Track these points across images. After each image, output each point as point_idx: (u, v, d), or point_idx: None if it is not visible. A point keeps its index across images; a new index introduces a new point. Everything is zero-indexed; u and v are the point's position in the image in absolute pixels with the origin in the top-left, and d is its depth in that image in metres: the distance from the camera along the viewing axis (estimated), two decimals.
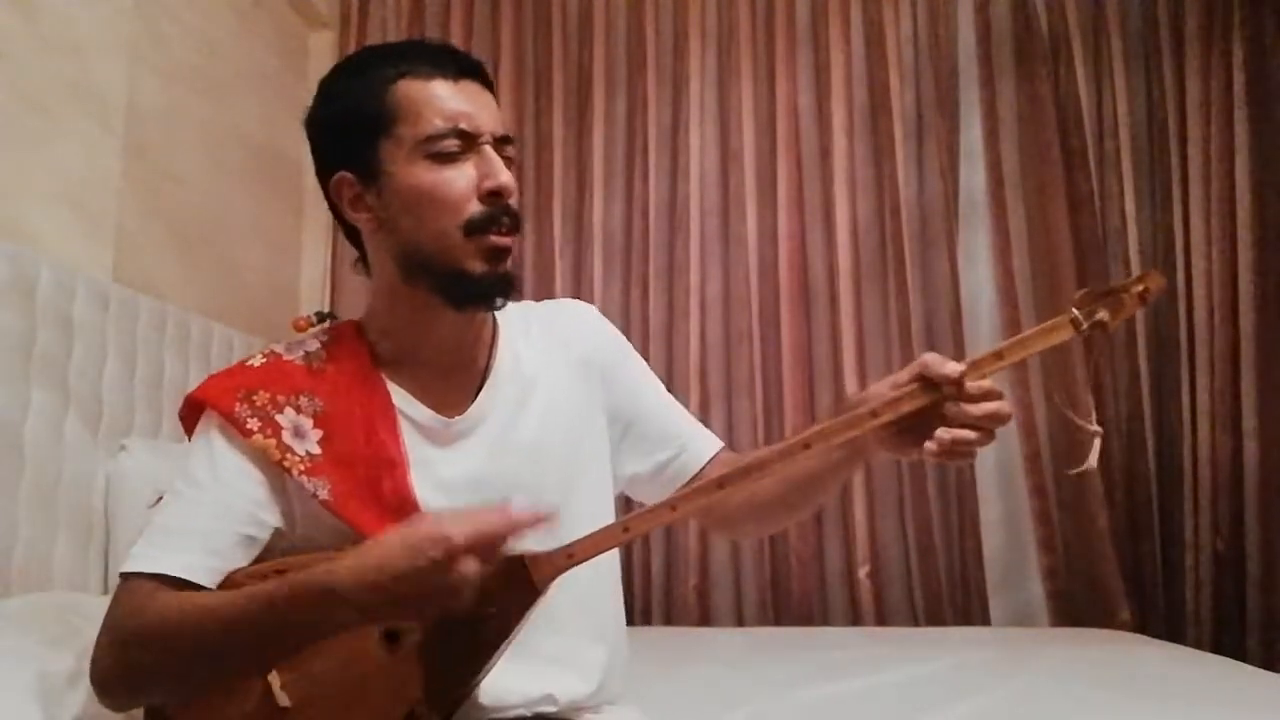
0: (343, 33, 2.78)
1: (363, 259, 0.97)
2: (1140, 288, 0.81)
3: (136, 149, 1.90)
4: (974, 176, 2.63)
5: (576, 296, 2.16)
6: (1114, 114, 2.58)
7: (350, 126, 0.89)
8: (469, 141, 0.87)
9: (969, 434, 0.79)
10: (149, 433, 1.77)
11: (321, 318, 2.49)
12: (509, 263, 0.90)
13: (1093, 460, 0.86)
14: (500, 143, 0.90)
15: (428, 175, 0.86)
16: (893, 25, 2.64)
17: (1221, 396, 2.42)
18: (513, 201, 0.89)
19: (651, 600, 2.49)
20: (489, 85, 0.93)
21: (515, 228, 0.90)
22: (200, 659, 0.80)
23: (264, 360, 0.92)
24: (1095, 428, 0.85)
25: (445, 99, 0.87)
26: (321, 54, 2.82)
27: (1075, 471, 0.86)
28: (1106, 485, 2.45)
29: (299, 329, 2.42)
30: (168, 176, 2.02)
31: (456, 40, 2.71)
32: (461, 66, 0.90)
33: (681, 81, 2.68)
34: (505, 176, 0.88)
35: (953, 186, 2.60)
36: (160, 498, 1.58)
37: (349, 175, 0.90)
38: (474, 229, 0.87)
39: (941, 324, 2.56)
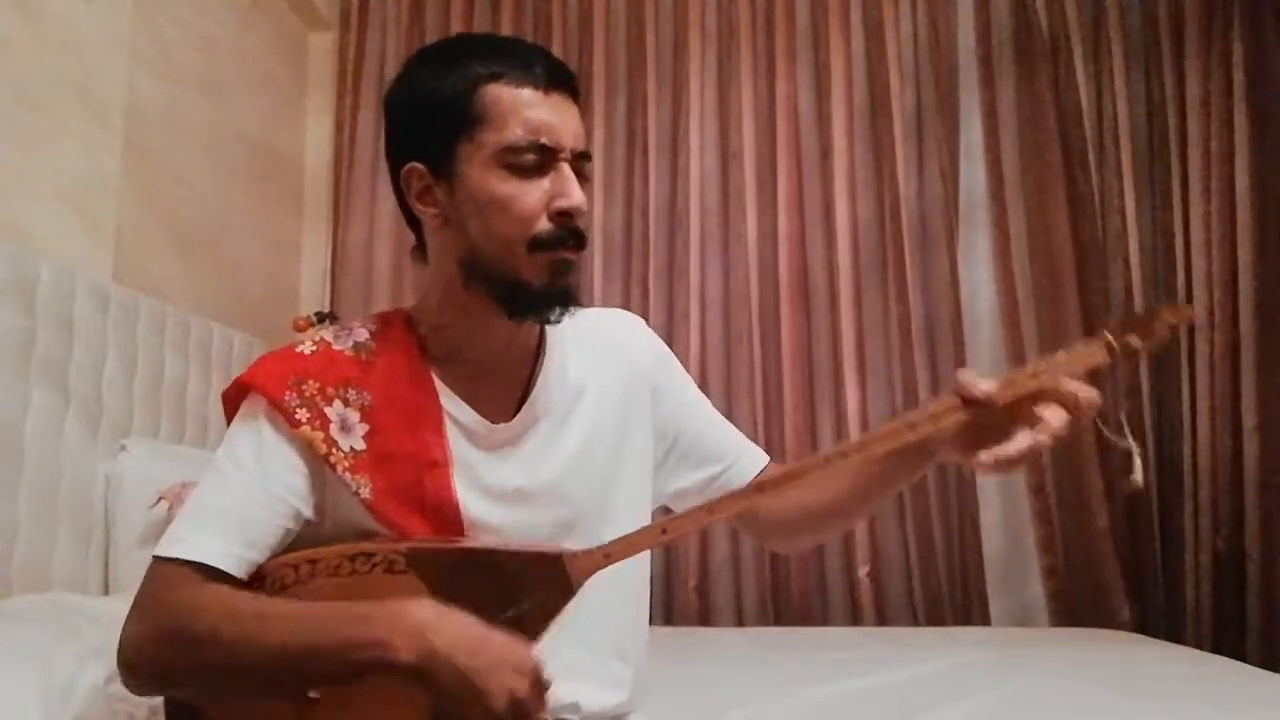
0: (343, 33, 2.79)
1: (420, 248, 0.96)
2: (1173, 320, 0.84)
3: (136, 149, 1.90)
4: (974, 176, 2.63)
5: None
6: (1114, 114, 2.58)
7: (431, 119, 0.87)
8: (548, 156, 0.86)
9: (1006, 448, 0.79)
10: (149, 433, 1.77)
11: (321, 318, 2.49)
12: (571, 277, 0.89)
13: (1138, 476, 0.88)
14: (579, 159, 0.88)
15: (502, 185, 0.85)
16: (893, 25, 2.64)
17: (1221, 396, 2.42)
18: (581, 222, 0.88)
19: (651, 600, 2.47)
20: (577, 98, 0.91)
21: (580, 246, 0.89)
22: (242, 675, 0.79)
23: (315, 348, 0.90)
24: (1131, 443, 0.86)
25: (532, 109, 0.85)
26: (321, 54, 2.82)
27: (1128, 492, 0.88)
28: (1106, 485, 2.45)
29: (299, 329, 2.42)
30: (168, 176, 2.02)
31: None
32: (554, 76, 0.88)
33: (681, 81, 2.68)
34: (578, 197, 0.86)
35: (953, 186, 2.60)
36: (160, 498, 1.60)
37: (421, 167, 0.89)
38: (539, 245, 0.86)
39: (941, 324, 2.56)
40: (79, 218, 1.75)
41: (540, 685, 0.75)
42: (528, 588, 0.79)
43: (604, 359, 1.01)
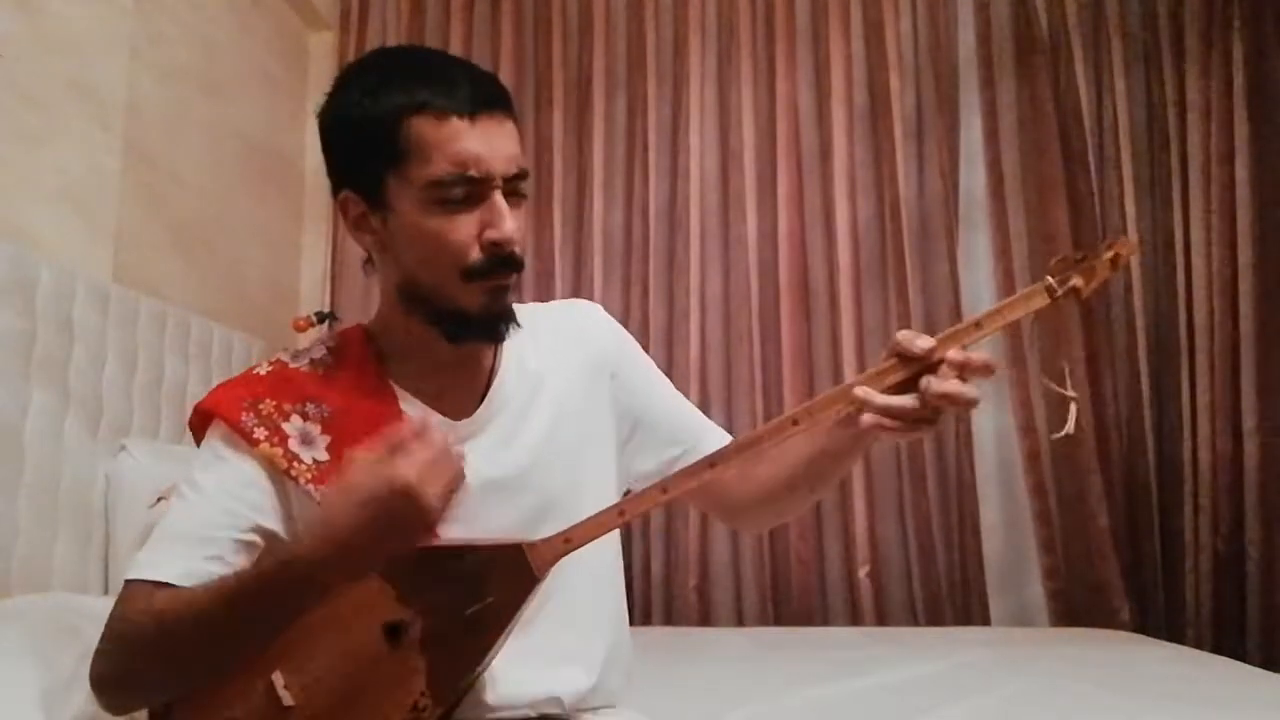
0: (343, 33, 2.78)
1: (370, 260, 0.97)
2: (1111, 253, 0.81)
3: (136, 149, 1.90)
4: (974, 176, 2.63)
5: (576, 297, 2.16)
6: (1114, 114, 2.58)
7: (358, 150, 0.88)
8: (478, 186, 0.85)
9: (945, 385, 0.78)
10: (149, 433, 1.77)
11: (321, 318, 2.49)
12: (507, 298, 0.90)
13: (1070, 425, 0.86)
14: (513, 181, 0.88)
15: (431, 220, 0.85)
16: (893, 25, 2.64)
17: (1221, 396, 2.42)
18: (517, 249, 0.88)
19: (651, 600, 2.49)
20: (511, 113, 0.89)
21: (516, 270, 0.89)
22: (190, 653, 0.81)
23: (270, 368, 0.93)
24: (1071, 393, 0.86)
25: (458, 140, 0.84)
26: (321, 54, 2.82)
27: (1055, 437, 0.86)
28: (1106, 485, 2.45)
29: (299, 329, 2.43)
30: (168, 176, 2.02)
31: (456, 41, 2.72)
32: (482, 100, 0.86)
33: (681, 81, 2.68)
34: (509, 227, 0.86)
35: (953, 186, 2.60)
36: (160, 498, 1.59)
37: (354, 196, 0.90)
38: (473, 275, 0.87)
39: (941, 324, 2.55)
40: (79, 218, 1.75)
41: (399, 473, 0.74)
42: (492, 580, 0.80)
43: (563, 347, 1.02)
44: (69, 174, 1.72)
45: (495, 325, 0.90)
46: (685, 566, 2.48)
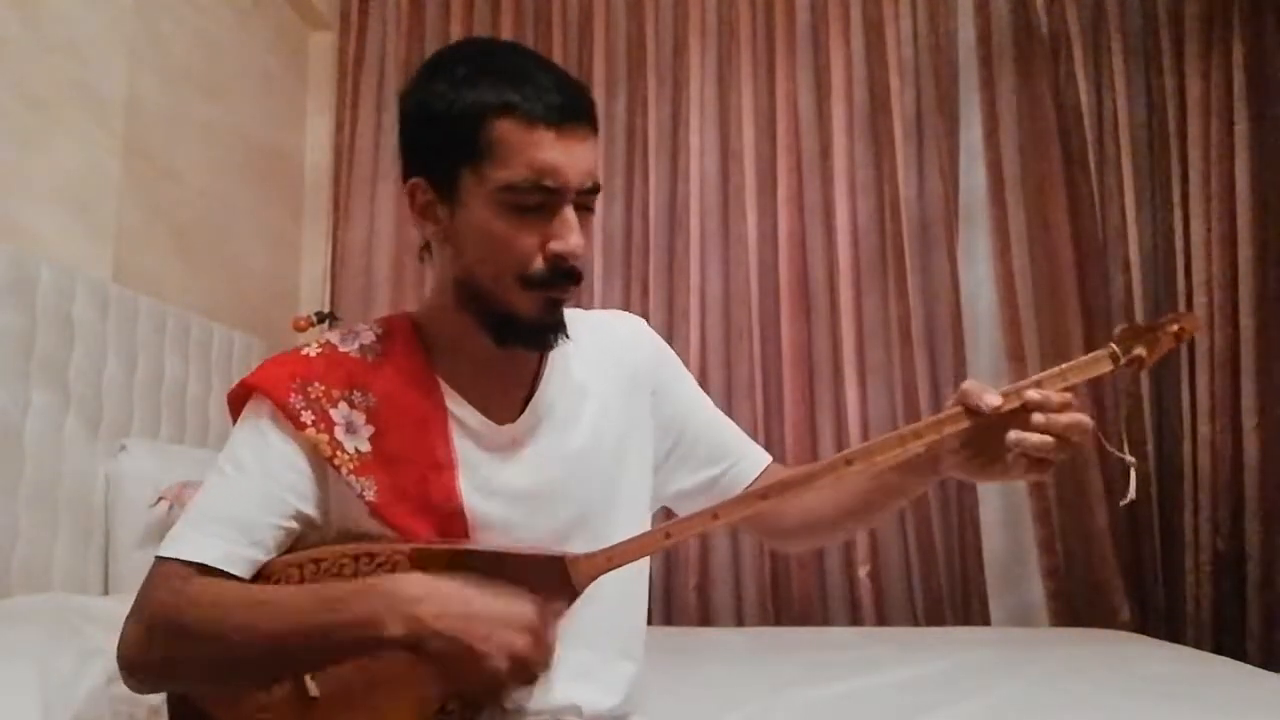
0: (343, 33, 2.78)
1: (428, 249, 0.95)
2: (1176, 328, 0.84)
3: (136, 149, 1.90)
4: (974, 176, 2.63)
5: (575, 298, 2.16)
6: (1114, 114, 2.58)
7: (439, 140, 0.86)
8: (551, 197, 0.84)
9: (1030, 435, 0.80)
10: (149, 433, 1.77)
11: (321, 318, 2.49)
12: (561, 311, 0.90)
13: (1132, 491, 0.89)
14: (585, 195, 0.86)
15: (500, 222, 0.84)
16: (893, 25, 2.64)
17: (1221, 396, 2.42)
18: (578, 263, 0.87)
19: (651, 600, 2.48)
20: (594, 128, 0.88)
21: (575, 284, 0.88)
22: (236, 664, 0.79)
23: (320, 350, 0.91)
24: (1129, 459, 0.87)
25: (540, 149, 0.83)
26: (321, 54, 2.82)
27: (1122, 504, 0.89)
28: (1106, 485, 2.45)
29: (299, 329, 2.43)
30: (168, 176, 2.02)
31: (455, 40, 2.71)
32: (569, 110, 0.84)
33: (681, 81, 2.68)
34: (575, 241, 0.85)
35: (953, 186, 2.60)
36: (160, 498, 1.59)
37: (425, 183, 0.89)
38: (531, 284, 0.86)
39: (941, 324, 2.56)
40: (79, 218, 1.75)
41: (542, 639, 0.75)
42: (531, 591, 0.79)
43: (606, 360, 1.01)
44: (69, 174, 1.72)
45: (545, 335, 0.89)
46: (685, 566, 2.48)
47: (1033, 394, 0.81)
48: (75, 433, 1.55)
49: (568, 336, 0.92)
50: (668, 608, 2.48)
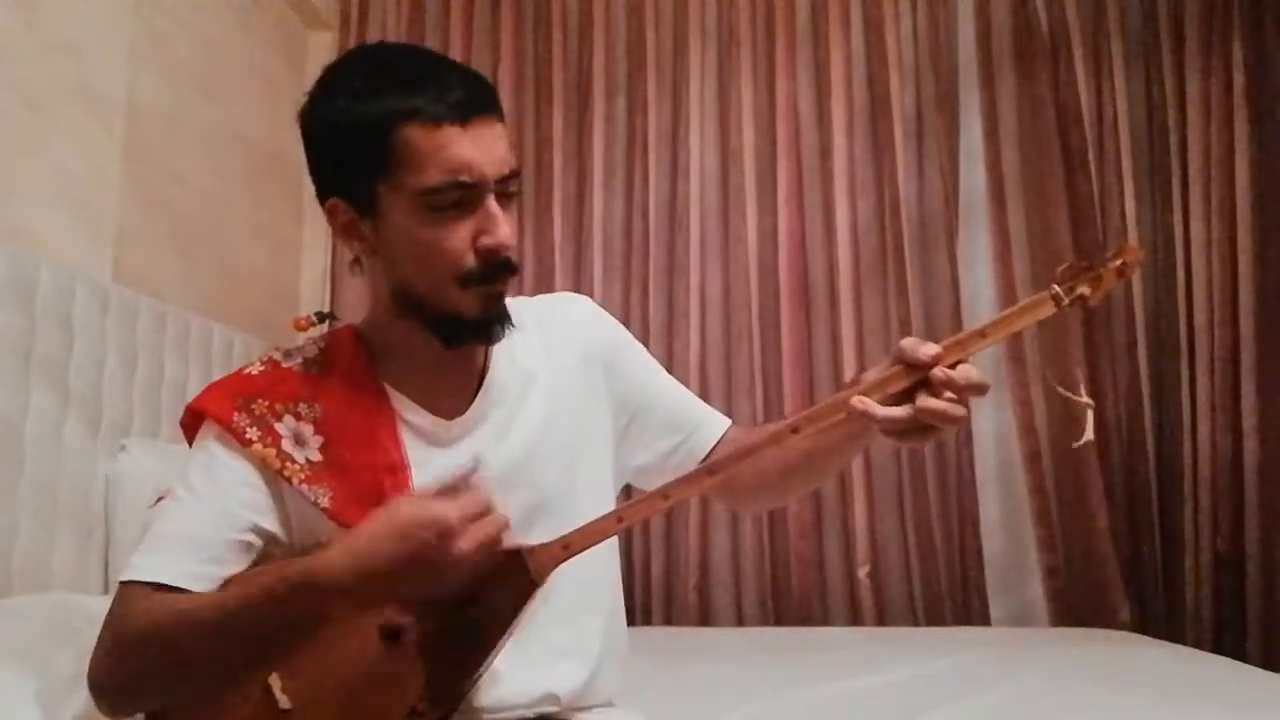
0: (343, 33, 2.78)
1: (358, 261, 0.96)
2: (1118, 261, 0.80)
3: (136, 149, 1.90)
4: (974, 176, 2.63)
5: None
6: (1114, 114, 2.58)
7: (350, 157, 0.86)
8: (471, 192, 0.84)
9: (935, 404, 0.76)
10: (149, 433, 1.77)
11: (322, 318, 2.49)
12: (503, 303, 0.90)
13: (1089, 432, 0.86)
14: (504, 182, 0.87)
15: (425, 229, 0.84)
16: (893, 25, 2.64)
17: (1221, 396, 2.42)
18: (512, 254, 0.87)
19: (651, 600, 2.49)
20: (500, 114, 0.88)
21: (511, 274, 0.89)
22: (195, 663, 0.80)
23: (263, 368, 0.92)
24: (1086, 400, 0.85)
25: (450, 147, 0.83)
26: (321, 54, 2.82)
27: (1076, 445, 0.87)
28: (1106, 485, 2.45)
29: (299, 329, 2.42)
30: (168, 176, 2.02)
31: (456, 41, 2.72)
32: (472, 103, 0.84)
33: (681, 81, 2.67)
34: (503, 232, 0.85)
35: (953, 186, 2.60)
36: (160, 498, 1.59)
37: (343, 204, 0.89)
38: (468, 282, 0.86)
39: (941, 324, 2.56)
40: (79, 218, 1.75)
41: (445, 521, 0.74)
42: (491, 585, 0.79)
43: (554, 342, 1.02)
44: (69, 174, 1.72)
45: (490, 328, 0.90)
46: (685, 566, 2.48)
47: (938, 373, 0.77)
48: (75, 433, 1.55)
49: (513, 325, 0.92)
50: (668, 608, 2.48)
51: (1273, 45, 2.47)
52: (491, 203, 0.86)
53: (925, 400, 0.76)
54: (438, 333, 0.89)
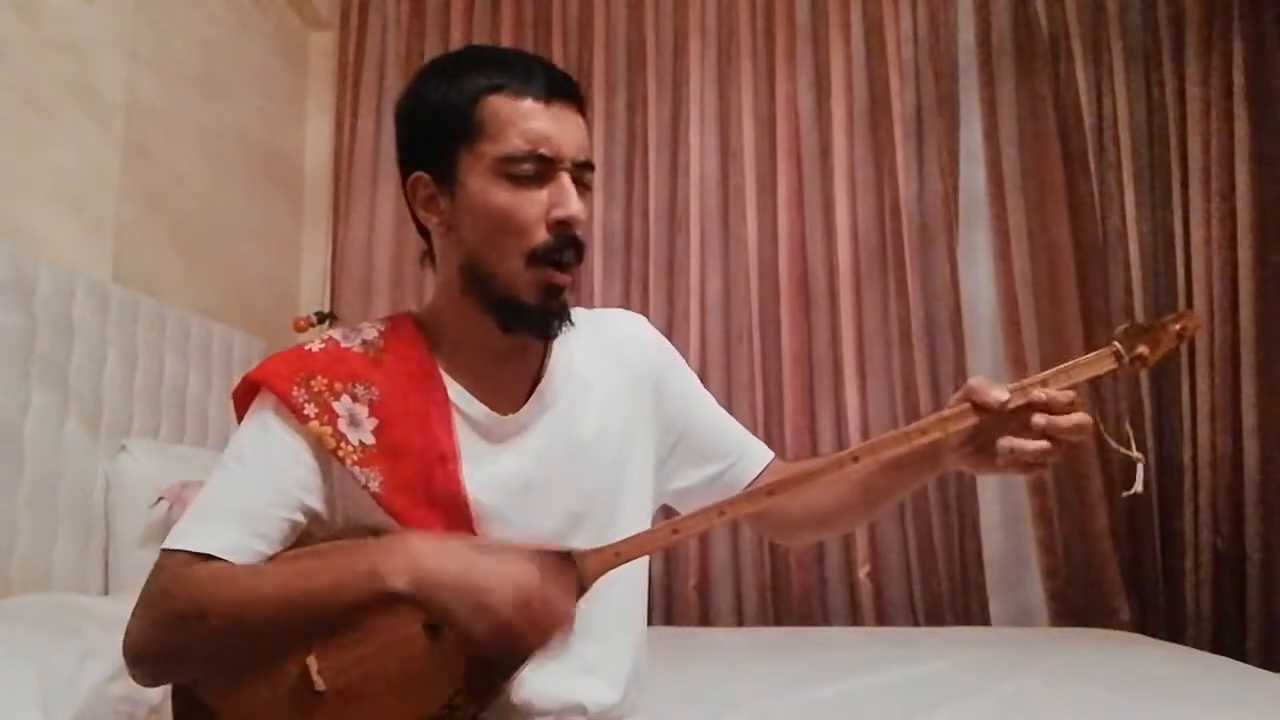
0: (343, 33, 2.79)
1: (430, 254, 0.97)
2: (1179, 326, 0.85)
3: (136, 149, 1.90)
4: (974, 176, 2.63)
5: (576, 296, 2.17)
6: (1114, 114, 2.58)
7: (434, 130, 0.89)
8: (547, 166, 0.86)
9: (1026, 444, 0.81)
10: (149, 433, 1.77)
11: (321, 318, 2.49)
12: (564, 298, 0.91)
13: (1139, 485, 0.90)
14: (580, 168, 0.89)
15: (501, 195, 0.86)
16: (893, 25, 2.64)
17: (1221, 396, 2.42)
18: (579, 231, 0.89)
19: (651, 600, 2.47)
20: (582, 107, 0.92)
21: (578, 258, 0.90)
22: (245, 639, 0.79)
23: (323, 346, 0.92)
24: (1137, 455, 0.88)
25: (531, 120, 0.86)
26: (321, 54, 2.82)
27: (1125, 494, 0.93)
28: (1106, 485, 2.45)
29: (299, 329, 2.43)
30: (168, 176, 2.02)
31: (456, 41, 2.72)
32: (555, 87, 0.88)
33: (681, 81, 2.68)
34: (575, 207, 0.87)
35: (953, 186, 2.60)
36: (160, 498, 1.59)
37: (425, 176, 0.91)
38: (536, 259, 0.87)
39: (941, 324, 2.56)
40: (79, 218, 1.75)
41: (550, 599, 0.75)
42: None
43: (609, 357, 1.02)
44: (69, 174, 1.72)
45: (548, 320, 0.90)
46: (685, 566, 2.48)
47: (1039, 393, 0.82)
48: (75, 433, 1.55)
49: (572, 323, 0.93)
50: (668, 608, 2.48)
51: (1273, 45, 2.47)
52: (566, 179, 0.87)
53: (1061, 421, 0.81)
54: (497, 315, 0.89)
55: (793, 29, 2.67)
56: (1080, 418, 0.82)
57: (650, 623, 0.94)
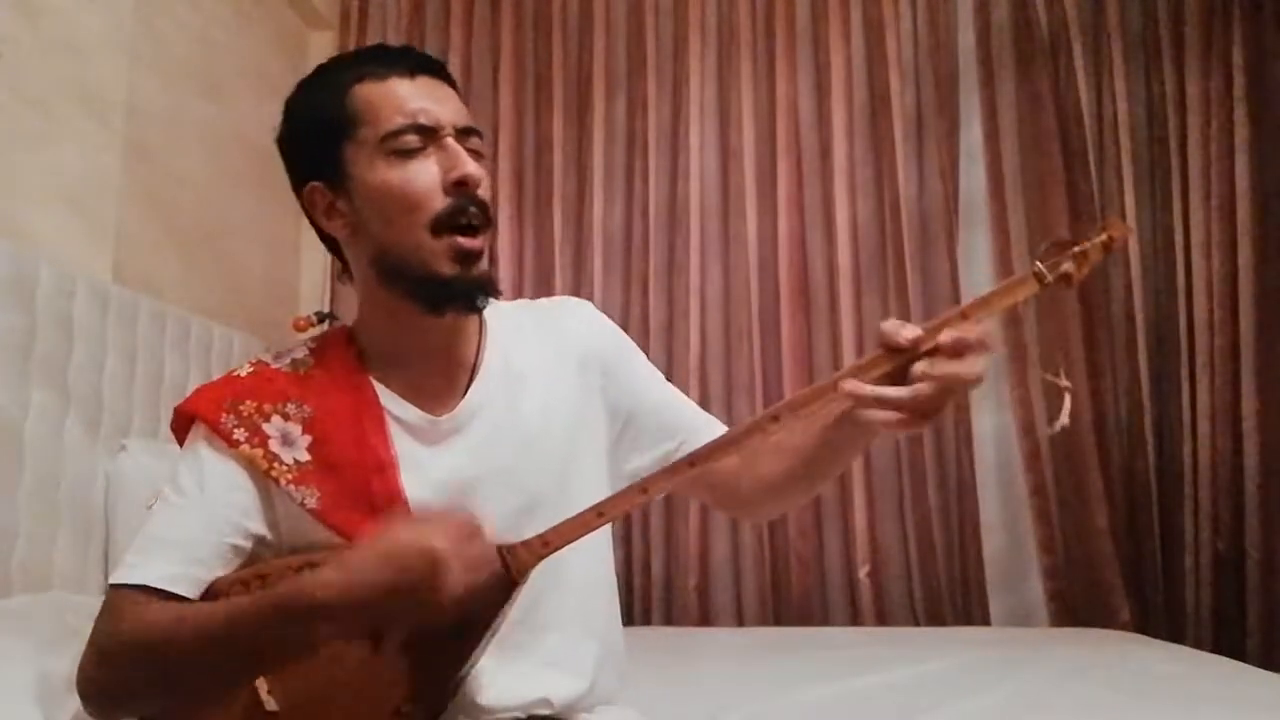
0: (343, 33, 2.79)
1: (346, 268, 0.97)
2: (1104, 236, 0.78)
3: (136, 149, 1.90)
4: (974, 176, 2.63)
5: (576, 296, 2.16)
6: (1114, 114, 2.58)
7: (314, 135, 0.90)
8: (430, 135, 0.87)
9: (924, 389, 0.75)
10: (149, 433, 1.77)
11: (321, 318, 2.49)
12: (482, 264, 0.90)
13: (1064, 417, 0.85)
14: (464, 134, 0.89)
15: (392, 173, 0.86)
16: (893, 25, 2.64)
17: (1221, 396, 2.42)
18: (482, 192, 0.88)
19: (651, 600, 2.49)
20: (450, 81, 0.92)
21: (485, 221, 0.89)
22: (181, 675, 0.80)
23: (251, 369, 0.93)
24: (1065, 383, 0.85)
25: (403, 95, 0.87)
26: (321, 54, 2.81)
27: (1051, 432, 0.86)
28: (1106, 485, 2.45)
29: (299, 329, 2.42)
30: (168, 176, 2.02)
31: (456, 41, 2.72)
32: (418, 64, 0.90)
33: (681, 81, 2.68)
34: (470, 166, 0.87)
35: (953, 186, 2.60)
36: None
37: (319, 185, 0.91)
38: (441, 226, 0.86)
39: None
40: (79, 218, 1.75)
41: (437, 553, 0.73)
42: (471, 582, 0.78)
43: (551, 344, 1.01)
44: (69, 174, 1.72)
45: (471, 291, 0.89)
46: (685, 566, 2.48)
47: (945, 335, 0.76)
48: (75, 433, 1.55)
49: (498, 295, 0.92)
50: (668, 608, 2.48)
51: (1273, 45, 2.47)
52: (452, 143, 0.88)
53: (934, 365, 0.75)
54: (420, 298, 0.88)
55: (793, 29, 2.67)
56: (971, 364, 0.76)
57: (650, 623, 0.95)
